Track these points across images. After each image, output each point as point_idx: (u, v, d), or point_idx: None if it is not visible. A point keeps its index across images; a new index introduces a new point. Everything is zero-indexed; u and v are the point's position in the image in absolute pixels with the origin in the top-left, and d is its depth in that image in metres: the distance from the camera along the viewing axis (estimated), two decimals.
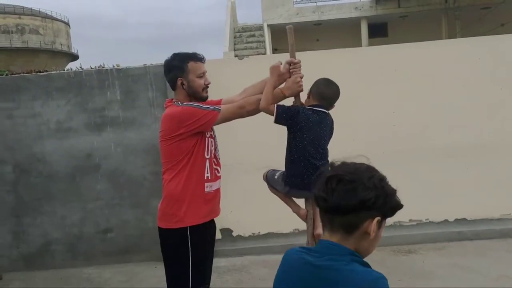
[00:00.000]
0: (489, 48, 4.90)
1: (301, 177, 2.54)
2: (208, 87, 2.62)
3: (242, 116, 2.58)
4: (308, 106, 2.57)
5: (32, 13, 35.06)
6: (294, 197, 2.68)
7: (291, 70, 2.61)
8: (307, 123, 2.52)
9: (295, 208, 2.68)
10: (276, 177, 2.67)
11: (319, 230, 2.53)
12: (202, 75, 2.58)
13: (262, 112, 2.57)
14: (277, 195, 2.70)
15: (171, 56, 2.63)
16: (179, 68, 2.56)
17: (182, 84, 2.57)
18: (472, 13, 17.59)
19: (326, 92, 2.61)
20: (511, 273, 3.87)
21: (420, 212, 4.91)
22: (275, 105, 2.53)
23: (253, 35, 16.69)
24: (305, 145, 2.52)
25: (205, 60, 2.64)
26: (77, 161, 4.77)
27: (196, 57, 2.59)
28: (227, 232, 4.93)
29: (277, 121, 2.52)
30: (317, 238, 2.57)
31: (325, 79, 2.65)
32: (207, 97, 2.64)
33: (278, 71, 2.53)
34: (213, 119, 2.49)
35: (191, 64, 2.56)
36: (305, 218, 2.61)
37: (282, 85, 2.65)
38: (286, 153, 2.59)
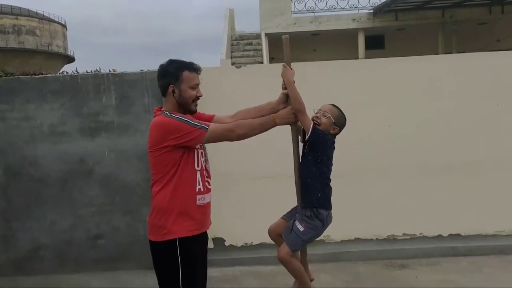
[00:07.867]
0: (486, 64, 4.91)
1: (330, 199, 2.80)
2: (198, 99, 2.56)
3: (229, 139, 2.53)
4: (332, 133, 2.77)
5: (29, 14, 34.98)
6: (321, 229, 2.79)
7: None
8: (331, 151, 2.76)
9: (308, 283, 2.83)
10: (301, 228, 2.78)
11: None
12: (195, 86, 2.52)
13: (251, 137, 2.59)
14: (295, 267, 2.85)
15: (167, 62, 2.57)
16: (174, 75, 2.50)
17: (173, 91, 2.51)
18: (468, 28, 17.73)
19: (343, 127, 2.83)
20: None
21: (414, 227, 4.89)
22: (312, 122, 2.68)
23: (251, 43, 16.71)
24: (330, 171, 2.77)
25: (200, 71, 2.58)
26: (70, 166, 4.71)
27: (192, 67, 2.53)
28: (219, 241, 4.88)
29: (312, 136, 2.66)
30: None
31: (342, 112, 2.84)
32: (195, 111, 2.58)
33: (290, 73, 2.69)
34: (199, 137, 2.43)
35: (185, 73, 2.50)
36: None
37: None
38: (316, 176, 2.72)
